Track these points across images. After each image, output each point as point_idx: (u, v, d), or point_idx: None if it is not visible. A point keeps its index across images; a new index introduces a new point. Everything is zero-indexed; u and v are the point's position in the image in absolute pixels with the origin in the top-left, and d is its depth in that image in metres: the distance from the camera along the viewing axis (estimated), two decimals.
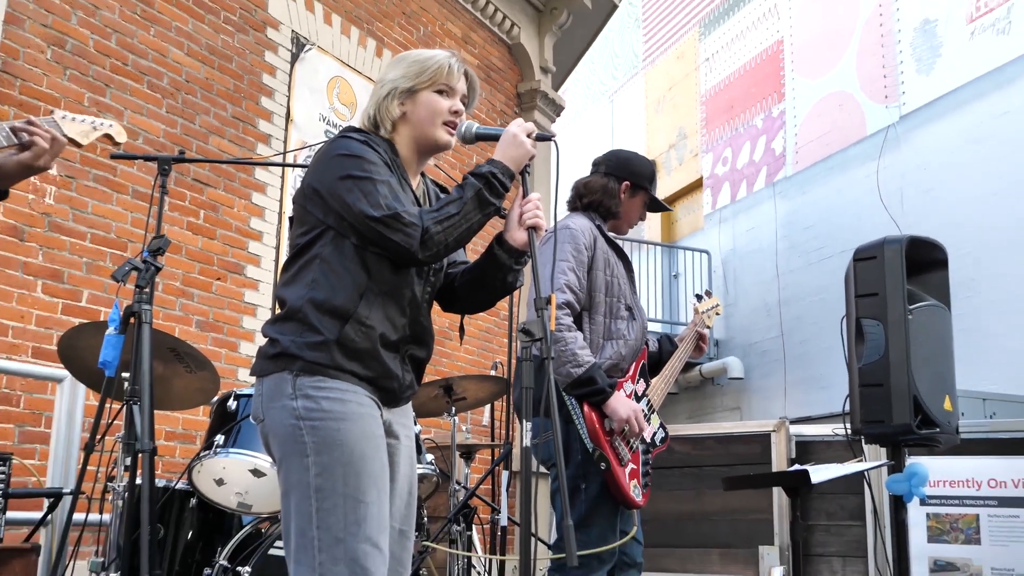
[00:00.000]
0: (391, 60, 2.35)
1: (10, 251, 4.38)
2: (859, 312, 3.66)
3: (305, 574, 1.98)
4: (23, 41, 4.54)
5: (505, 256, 2.25)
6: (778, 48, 11.20)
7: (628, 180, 3.43)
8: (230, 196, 5.52)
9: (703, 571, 4.90)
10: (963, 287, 6.33)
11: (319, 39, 6.32)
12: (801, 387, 9.80)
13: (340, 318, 2.06)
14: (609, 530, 3.12)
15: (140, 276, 3.02)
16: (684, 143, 12.69)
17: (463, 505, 3.97)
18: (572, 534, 2.02)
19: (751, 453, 4.89)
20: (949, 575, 4.05)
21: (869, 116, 9.72)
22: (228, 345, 5.35)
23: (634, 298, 3.41)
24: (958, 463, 4.15)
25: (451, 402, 4.00)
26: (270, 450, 2.12)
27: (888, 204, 9.09)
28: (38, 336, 4.41)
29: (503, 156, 2.21)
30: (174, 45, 5.30)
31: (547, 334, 2.09)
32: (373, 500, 2.03)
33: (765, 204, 10.95)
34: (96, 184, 4.79)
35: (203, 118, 5.41)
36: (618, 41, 14.14)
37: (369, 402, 2.11)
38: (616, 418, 3.06)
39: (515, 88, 8.36)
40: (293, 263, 2.16)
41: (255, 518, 3.48)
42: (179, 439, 4.97)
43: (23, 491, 3.41)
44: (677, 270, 11.74)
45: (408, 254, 2.07)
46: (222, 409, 3.40)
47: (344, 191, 2.07)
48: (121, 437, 3.32)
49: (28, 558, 2.99)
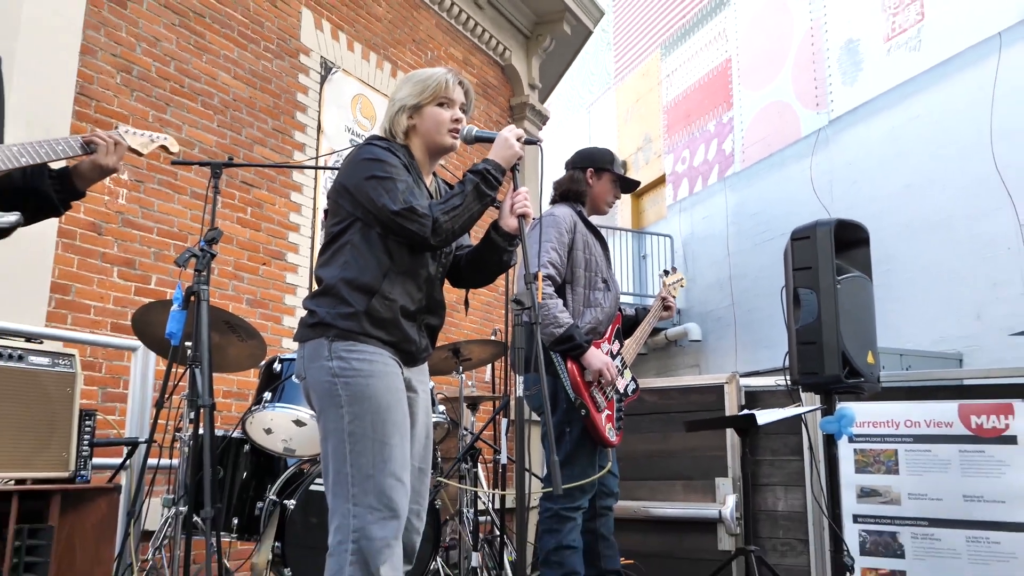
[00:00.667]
0: (399, 80, 2.34)
1: (91, 243, 4.36)
2: (796, 283, 3.67)
3: (341, 504, 2.01)
4: (96, 68, 4.51)
5: (500, 240, 2.27)
6: (727, 65, 11.15)
7: (591, 167, 3.45)
8: (272, 195, 5.50)
9: (669, 499, 4.91)
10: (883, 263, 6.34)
11: (343, 63, 6.27)
12: (749, 347, 9.83)
13: (368, 293, 2.08)
14: (589, 466, 3.14)
15: (198, 261, 3.01)
16: (649, 146, 12.65)
17: (470, 447, 3.98)
18: (557, 468, 2.04)
19: (708, 401, 4.89)
20: (872, 500, 4.07)
21: (803, 121, 9.70)
22: (273, 319, 5.35)
23: (609, 272, 3.41)
24: (879, 407, 4.17)
25: (459, 362, 4.00)
26: (311, 403, 2.15)
27: (820, 194, 9.09)
28: (115, 314, 4.40)
29: (496, 156, 2.22)
30: (223, 70, 5.26)
31: (535, 303, 2.10)
32: (396, 443, 2.05)
33: (717, 196, 10.94)
34: (160, 187, 4.77)
35: (248, 131, 5.38)
36: (593, 61, 14.06)
37: (392, 362, 2.12)
38: (591, 369, 3.08)
39: (508, 102, 8.32)
40: (328, 248, 2.18)
41: (298, 460, 3.50)
42: (234, 397, 4.98)
43: (106, 441, 3.41)
44: (645, 252, 11.73)
45: (422, 240, 2.09)
46: (269, 371, 3.41)
47: (369, 189, 2.09)
48: (186, 395, 3.32)
49: (111, 496, 2.99)
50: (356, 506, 1.98)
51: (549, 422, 2.02)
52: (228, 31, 5.33)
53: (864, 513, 4.08)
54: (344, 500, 2.00)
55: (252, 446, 3.46)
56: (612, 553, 3.33)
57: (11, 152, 1.61)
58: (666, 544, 4.82)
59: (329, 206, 2.24)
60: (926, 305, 7.76)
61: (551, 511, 3.06)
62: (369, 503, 1.98)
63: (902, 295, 7.75)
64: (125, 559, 2.96)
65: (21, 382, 2.81)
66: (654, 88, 12.65)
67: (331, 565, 2.00)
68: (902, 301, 7.74)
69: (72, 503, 2.92)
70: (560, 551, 3.02)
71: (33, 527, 2.75)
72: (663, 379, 5.28)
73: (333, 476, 2.04)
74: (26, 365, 2.84)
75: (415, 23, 7.17)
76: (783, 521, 4.63)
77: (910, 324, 7.71)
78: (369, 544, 1.96)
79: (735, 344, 10.13)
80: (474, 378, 6.39)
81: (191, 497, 3.04)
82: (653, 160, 12.55)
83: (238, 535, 3.47)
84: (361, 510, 1.98)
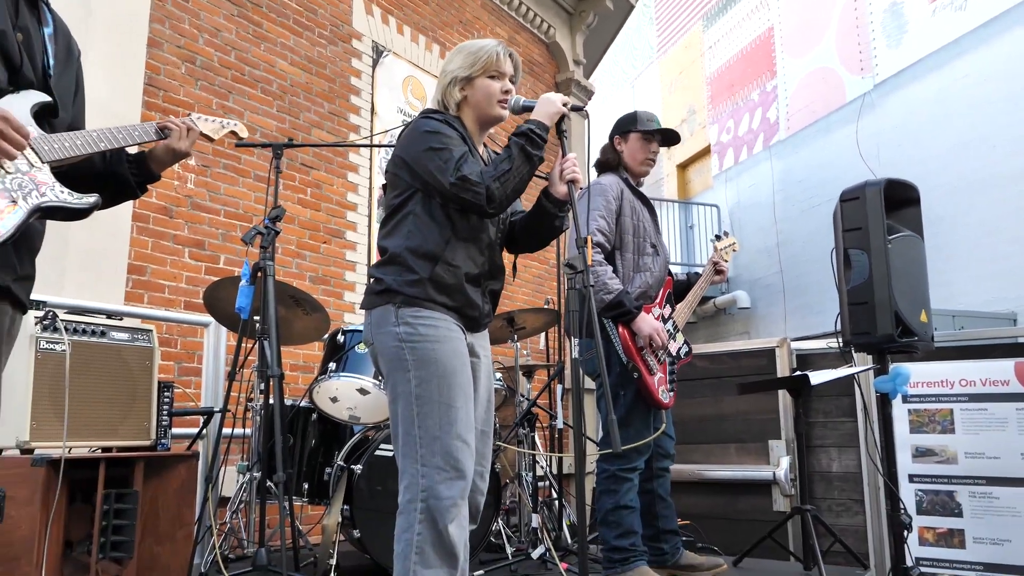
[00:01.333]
0: (450, 52, 2.30)
1: (163, 226, 4.44)
2: (846, 244, 3.55)
3: (410, 464, 2.01)
4: (163, 60, 4.56)
5: (550, 206, 2.23)
6: (769, 34, 10.83)
7: (616, 133, 3.37)
8: (330, 176, 5.52)
9: (722, 462, 4.85)
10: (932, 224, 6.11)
11: (394, 46, 6.24)
12: (798, 313, 9.62)
13: (432, 260, 2.07)
14: (644, 427, 3.09)
15: (263, 239, 3.04)
16: (694, 117, 12.40)
17: (527, 413, 3.97)
18: (615, 427, 2.00)
19: (759, 365, 4.80)
20: (928, 459, 3.95)
21: (848, 86, 9.39)
22: (334, 295, 5.39)
23: (658, 237, 3.34)
24: (933, 367, 4.03)
25: (513, 331, 3.98)
26: (378, 367, 2.15)
27: (866, 158, 8.80)
28: (188, 292, 4.48)
29: (538, 115, 2.19)
30: (280, 57, 5.28)
31: (586, 267, 2.05)
32: (461, 405, 2.04)
33: (763, 164, 10.68)
34: (226, 171, 4.82)
35: (305, 115, 5.39)
36: (635, 36, 13.80)
37: (456, 328, 2.11)
38: (641, 334, 3.04)
39: (553, 79, 8.21)
40: (391, 219, 2.17)
41: (363, 427, 3.52)
42: (300, 370, 5.05)
43: (184, 411, 3.48)
44: (692, 222, 11.54)
45: (479, 207, 2.06)
46: (333, 342, 3.43)
47: (427, 160, 2.07)
48: (256, 367, 3.38)
49: (190, 463, 3.05)
50: (424, 466, 1.98)
51: (607, 383, 1.98)
52: (284, 19, 5.34)
53: (920, 473, 3.97)
54: (413, 461, 2.00)
55: (319, 414, 3.49)
56: (669, 513, 3.29)
57: (91, 137, 1.63)
58: (720, 506, 4.77)
59: (388, 179, 2.23)
60: (977, 266, 7.48)
61: (608, 472, 3.03)
62: (436, 464, 1.98)
63: (952, 256, 7.48)
64: (204, 522, 3.02)
65: (104, 356, 2.88)
66: (697, 60, 12.38)
67: (401, 523, 2.01)
68: (952, 262, 7.47)
69: (154, 470, 2.99)
70: (618, 511, 2.99)
71: (120, 492, 2.82)
72: (714, 344, 5.19)
73: (402, 437, 2.04)
74: (108, 340, 2.90)
75: (461, 4, 7.10)
76: (837, 482, 4.53)
77: (961, 285, 7.45)
78: (437, 503, 1.96)
79: (784, 310, 9.92)
80: (529, 347, 6.38)
81: (264, 463, 3.09)
82: (698, 131, 12.30)
83: (308, 499, 3.52)
84: (429, 470, 1.98)
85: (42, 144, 1.56)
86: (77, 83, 1.79)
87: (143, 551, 2.92)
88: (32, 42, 1.61)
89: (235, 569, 2.96)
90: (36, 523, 2.56)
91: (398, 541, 2.01)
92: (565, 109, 2.19)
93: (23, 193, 1.49)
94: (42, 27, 1.66)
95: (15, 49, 1.55)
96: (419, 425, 2.01)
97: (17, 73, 1.56)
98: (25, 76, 1.58)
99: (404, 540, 1.99)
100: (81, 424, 2.78)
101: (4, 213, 1.44)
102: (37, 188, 1.52)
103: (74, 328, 2.81)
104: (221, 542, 3.35)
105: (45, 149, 1.56)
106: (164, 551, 2.97)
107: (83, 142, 1.62)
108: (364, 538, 3.08)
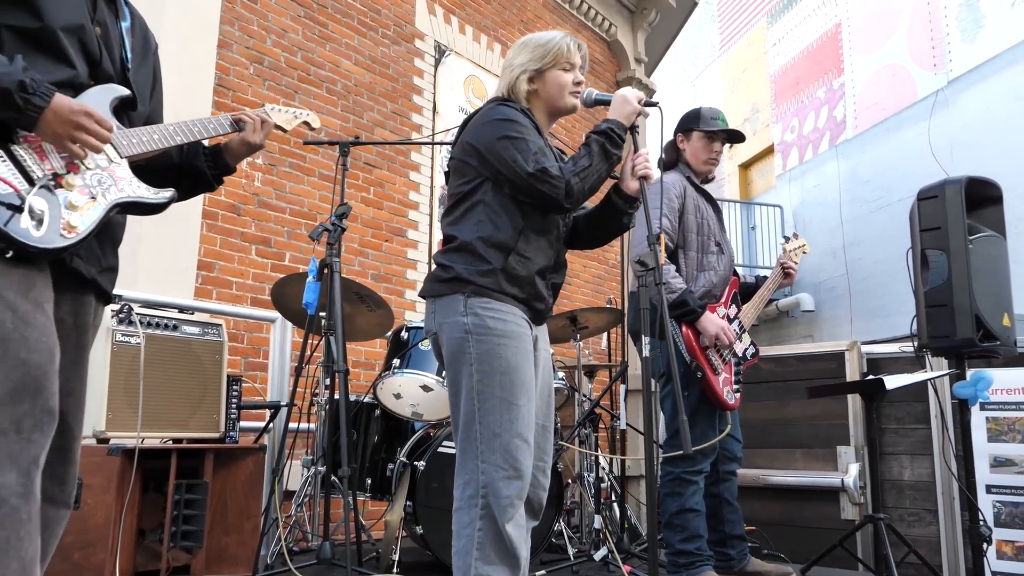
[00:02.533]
0: (515, 45, 2.26)
1: (231, 224, 4.53)
2: (924, 244, 3.42)
3: (470, 460, 1.99)
4: (232, 60, 4.65)
5: (621, 202, 2.19)
6: (836, 30, 10.55)
7: (678, 131, 3.30)
8: (392, 175, 5.56)
9: (788, 467, 4.72)
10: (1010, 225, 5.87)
11: (455, 46, 6.26)
12: (865, 317, 9.33)
13: (504, 251, 2.03)
14: (709, 428, 3.03)
15: (330, 235, 3.07)
16: (757, 116, 12.15)
17: (589, 412, 3.92)
18: (687, 427, 1.94)
19: (827, 369, 4.65)
20: (1008, 469, 3.78)
21: (920, 82, 9.07)
22: (396, 292, 5.42)
23: (722, 235, 3.26)
24: (1014, 373, 3.85)
25: (576, 330, 3.93)
26: (440, 357, 2.12)
27: (939, 157, 8.49)
28: (254, 288, 4.56)
29: (616, 114, 2.15)
30: (344, 57, 5.34)
31: (658, 264, 2.01)
32: (524, 403, 2.01)
33: (829, 164, 10.40)
34: (291, 170, 4.89)
35: (369, 114, 5.44)
36: (697, 34, 13.59)
37: (524, 322, 2.08)
38: (707, 334, 2.98)
39: (615, 77, 8.13)
40: (457, 207, 2.12)
41: (425, 424, 3.52)
42: (362, 366, 5.09)
43: (252, 404, 3.54)
44: (754, 223, 11.30)
45: (555, 202, 2.03)
46: (397, 339, 3.44)
47: (501, 149, 2.03)
48: (321, 362, 3.41)
49: (258, 455, 3.11)
50: (484, 463, 1.96)
51: (677, 382, 1.93)
52: (349, 20, 5.40)
53: (999, 483, 3.79)
54: (473, 456, 1.98)
55: (382, 410, 3.51)
56: (736, 518, 3.21)
57: (168, 131, 1.66)
58: (786, 512, 4.64)
59: (453, 166, 2.19)
60: None
61: (673, 475, 2.97)
62: (496, 461, 1.95)
63: None
64: (271, 514, 3.06)
65: (176, 350, 2.94)
66: (760, 57, 12.12)
67: (460, 518, 1.99)
68: None
69: (223, 461, 3.04)
70: (683, 514, 2.93)
71: (190, 483, 2.88)
72: (780, 347, 5.06)
73: (463, 431, 2.02)
74: (180, 334, 2.96)
75: (523, 3, 7.09)
76: (909, 491, 4.37)
77: None
78: (497, 501, 1.93)
79: (850, 313, 9.64)
80: (590, 346, 6.32)
81: (328, 458, 3.12)
82: (761, 130, 12.05)
83: (371, 494, 3.54)
84: (488, 467, 1.95)
85: (120, 139, 1.59)
86: (155, 76, 1.82)
87: (212, 541, 2.97)
88: (110, 36, 1.64)
89: (299, 562, 2.99)
90: (111, 511, 2.63)
91: (458, 537, 1.99)
92: (642, 107, 2.15)
93: (102, 189, 1.52)
94: (119, 21, 1.69)
95: (94, 43, 1.57)
96: (480, 421, 1.98)
97: (97, 67, 1.58)
98: (104, 70, 1.60)
99: (465, 536, 1.96)
100: (153, 415, 2.85)
101: (84, 209, 1.46)
102: (116, 183, 1.54)
103: (148, 321, 2.88)
104: (286, 535, 3.39)
105: (124, 144, 1.59)
106: (232, 542, 3.02)
107: (160, 136, 1.64)
108: (426, 534, 3.08)
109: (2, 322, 1.35)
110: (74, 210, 1.45)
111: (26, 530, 1.34)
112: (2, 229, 1.34)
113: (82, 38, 1.54)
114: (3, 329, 1.35)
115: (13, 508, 1.32)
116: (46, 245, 1.40)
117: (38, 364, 1.37)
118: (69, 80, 1.50)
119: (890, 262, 8.69)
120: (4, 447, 1.32)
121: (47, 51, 1.48)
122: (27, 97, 1.35)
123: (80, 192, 1.47)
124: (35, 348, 1.37)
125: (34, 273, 1.42)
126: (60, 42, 1.49)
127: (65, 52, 1.50)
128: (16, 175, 1.39)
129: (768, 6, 12.03)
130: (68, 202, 1.44)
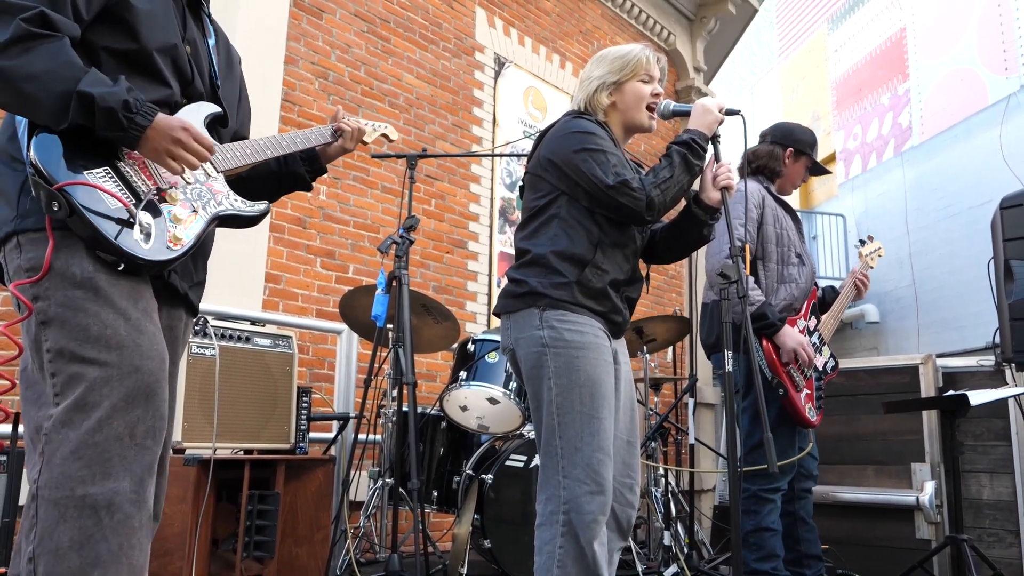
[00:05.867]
0: (592, 59, 2.25)
1: (297, 236, 4.60)
2: (1007, 254, 3.30)
3: (552, 475, 1.96)
4: (298, 76, 4.74)
5: (701, 213, 2.15)
6: (901, 34, 10.29)
7: (792, 147, 3.22)
8: (453, 187, 5.59)
9: (859, 484, 4.58)
10: None
11: (515, 58, 6.28)
12: (934, 328, 9.04)
13: (579, 264, 2.01)
14: (789, 446, 2.95)
15: (398, 248, 3.08)
16: (818, 124, 11.91)
17: (658, 426, 3.86)
18: (771, 445, 1.89)
19: (901, 383, 4.50)
20: None
21: (990, 87, 8.78)
22: (457, 304, 5.44)
23: (803, 246, 3.19)
24: None
25: (643, 342, 3.88)
26: (518, 373, 2.10)
27: (1011, 164, 8.20)
28: (320, 300, 4.61)
29: (697, 124, 2.11)
30: (406, 71, 5.39)
31: (742, 277, 1.96)
32: (605, 416, 1.97)
33: (894, 171, 10.13)
34: (355, 183, 4.95)
35: (431, 127, 5.49)
36: (755, 41, 13.41)
37: (602, 334, 2.04)
38: (785, 349, 2.90)
39: (673, 87, 8.05)
40: (532, 221, 2.11)
41: (491, 437, 3.50)
42: (424, 378, 5.11)
43: (322, 415, 3.57)
44: (815, 232, 11.07)
45: (636, 215, 2.00)
46: (463, 351, 3.43)
47: (579, 162, 2.01)
48: (389, 374, 3.43)
49: (327, 467, 3.13)
50: (566, 478, 1.93)
51: (761, 398, 1.88)
52: (410, 34, 5.46)
53: None
54: (555, 472, 1.95)
55: (448, 423, 3.51)
56: (812, 537, 3.12)
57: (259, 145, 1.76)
58: (857, 530, 4.50)
59: (528, 180, 2.18)
60: None
61: (750, 492, 2.90)
62: (578, 476, 1.92)
63: None
64: (340, 525, 3.08)
65: (248, 361, 2.99)
66: (821, 64, 11.90)
67: (542, 535, 1.95)
68: None
69: (294, 472, 3.07)
70: (759, 533, 2.86)
71: (263, 493, 2.91)
72: (850, 360, 4.92)
73: (544, 447, 1.99)
74: (252, 346, 3.01)
75: (581, 15, 7.08)
76: (988, 510, 4.19)
77: None
78: (579, 517, 1.90)
79: (917, 325, 9.35)
80: (656, 359, 6.25)
81: (396, 470, 3.13)
82: (822, 138, 11.78)
83: (437, 507, 3.53)
84: (570, 483, 1.92)
85: (216, 154, 1.62)
86: (240, 91, 1.86)
87: (283, 551, 3.00)
88: (200, 54, 1.67)
89: (368, 573, 3.00)
90: (187, 520, 2.67)
91: (539, 553, 1.96)
92: (723, 116, 2.11)
93: (202, 202, 1.55)
94: (207, 38, 1.73)
95: (186, 62, 1.61)
96: (560, 435, 1.95)
97: (189, 85, 1.62)
98: (196, 88, 1.64)
99: (546, 553, 1.93)
100: (227, 426, 2.89)
101: (187, 223, 1.49)
102: (214, 197, 1.58)
103: (222, 333, 2.93)
104: (355, 546, 3.40)
105: (219, 159, 1.62)
106: (302, 552, 3.04)
107: (251, 151, 1.68)
108: (495, 548, 3.06)
109: (116, 329, 1.37)
110: (179, 223, 1.48)
111: (137, 538, 1.36)
112: (115, 243, 1.37)
113: (175, 57, 1.57)
114: (117, 336, 1.37)
115: (127, 515, 1.33)
116: (155, 257, 1.43)
117: (151, 371, 1.40)
118: (165, 99, 1.53)
119: (961, 271, 8.40)
120: (118, 453, 1.34)
121: (143, 71, 1.51)
122: (131, 117, 1.38)
123: (183, 206, 1.51)
124: (148, 355, 1.40)
125: (142, 285, 1.45)
126: (155, 62, 1.52)
127: (160, 72, 1.53)
128: (124, 191, 1.42)
129: (829, 12, 11.80)
130: (173, 215, 1.48)
